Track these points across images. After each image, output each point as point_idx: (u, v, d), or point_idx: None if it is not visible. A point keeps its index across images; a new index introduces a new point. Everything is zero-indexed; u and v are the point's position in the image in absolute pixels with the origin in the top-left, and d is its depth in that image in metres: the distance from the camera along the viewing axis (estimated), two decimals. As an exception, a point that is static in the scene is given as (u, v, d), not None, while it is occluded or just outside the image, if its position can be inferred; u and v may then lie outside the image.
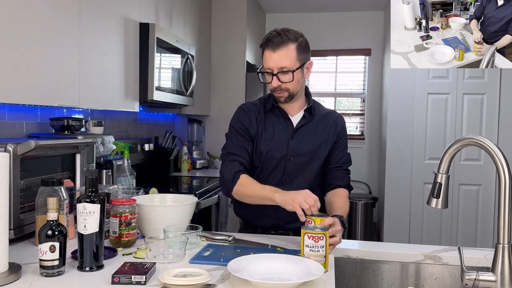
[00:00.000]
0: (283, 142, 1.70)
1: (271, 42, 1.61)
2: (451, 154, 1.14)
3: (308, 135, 1.72)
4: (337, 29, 5.02)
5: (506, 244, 1.08)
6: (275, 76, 1.62)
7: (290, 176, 1.71)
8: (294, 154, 1.70)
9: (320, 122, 1.75)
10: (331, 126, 1.75)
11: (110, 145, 2.23)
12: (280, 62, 1.60)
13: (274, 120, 1.73)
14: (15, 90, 1.56)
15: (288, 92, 1.65)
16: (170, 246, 1.35)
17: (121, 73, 2.30)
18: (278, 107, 1.73)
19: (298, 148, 1.70)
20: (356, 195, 4.67)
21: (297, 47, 1.62)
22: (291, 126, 1.72)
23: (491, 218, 3.91)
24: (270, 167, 1.72)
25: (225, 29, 4.12)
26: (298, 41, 1.63)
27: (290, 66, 1.61)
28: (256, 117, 1.74)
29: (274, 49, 1.60)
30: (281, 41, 1.60)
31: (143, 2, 2.55)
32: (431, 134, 4.00)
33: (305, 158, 1.71)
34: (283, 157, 1.70)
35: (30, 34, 1.62)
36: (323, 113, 1.78)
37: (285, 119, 1.72)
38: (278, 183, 1.66)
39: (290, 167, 1.71)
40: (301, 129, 1.72)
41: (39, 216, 1.37)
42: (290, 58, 1.60)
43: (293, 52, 1.61)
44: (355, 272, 1.52)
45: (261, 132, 1.72)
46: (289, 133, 1.71)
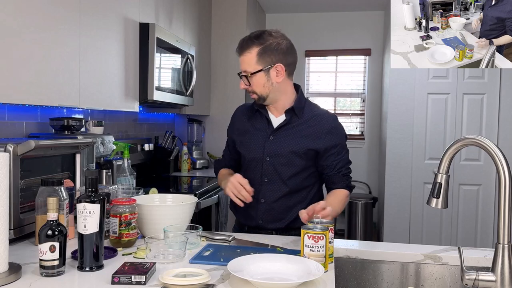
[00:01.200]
0: (260, 142, 1.73)
1: (239, 45, 1.68)
2: (451, 154, 1.15)
3: (288, 136, 1.70)
4: (337, 29, 5.02)
5: (506, 244, 1.08)
6: (241, 79, 1.70)
7: (268, 176, 1.71)
8: (271, 154, 1.71)
9: (307, 123, 1.71)
10: (318, 128, 1.71)
11: (110, 145, 2.23)
12: (242, 65, 1.68)
13: (258, 121, 1.77)
14: (15, 90, 1.56)
15: (256, 94, 1.70)
16: (170, 246, 1.35)
17: (121, 73, 2.30)
18: (262, 107, 1.76)
19: (274, 149, 1.70)
20: (356, 195, 4.67)
21: (260, 50, 1.63)
22: (271, 127, 1.73)
23: (491, 218, 3.91)
24: (250, 167, 1.76)
25: (225, 29, 4.12)
26: (264, 44, 1.63)
27: (251, 70, 1.65)
28: (240, 119, 1.82)
29: (240, 53, 1.67)
30: (246, 46, 1.65)
31: (143, 2, 2.55)
32: (431, 134, 4.00)
33: (283, 159, 1.69)
34: (259, 157, 1.72)
35: (30, 34, 1.62)
36: (312, 114, 1.74)
37: (267, 120, 1.75)
38: (258, 183, 1.71)
39: (267, 168, 1.71)
40: (282, 129, 1.71)
41: (39, 216, 1.37)
42: (251, 62, 1.65)
43: (254, 56, 1.64)
44: (355, 272, 1.52)
45: (244, 133, 1.78)
46: (268, 134, 1.72)
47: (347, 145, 1.83)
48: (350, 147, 1.89)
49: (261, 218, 1.73)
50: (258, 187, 1.70)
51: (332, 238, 1.33)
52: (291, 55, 1.67)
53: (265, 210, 1.71)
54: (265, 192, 1.72)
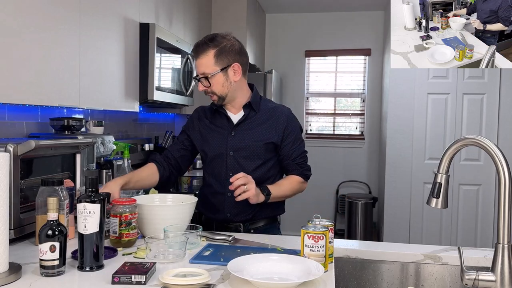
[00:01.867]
0: (223, 138, 1.80)
1: (194, 50, 1.74)
2: (451, 154, 1.15)
3: (248, 130, 1.79)
4: (337, 29, 5.02)
5: (506, 244, 1.08)
6: (199, 81, 1.75)
7: (233, 171, 1.77)
8: (233, 149, 1.78)
9: (262, 117, 1.81)
10: (273, 121, 1.80)
11: (110, 145, 2.23)
12: (199, 68, 1.73)
13: (218, 119, 1.84)
14: (15, 90, 1.56)
15: (216, 95, 1.77)
16: (170, 246, 1.35)
17: (121, 73, 2.30)
18: (221, 107, 1.83)
19: (237, 143, 1.78)
20: (356, 195, 4.67)
21: (217, 52, 1.71)
22: (231, 123, 1.81)
23: (491, 218, 3.91)
24: (214, 164, 1.82)
25: (225, 29, 4.08)
26: (219, 46, 1.71)
27: (209, 72, 1.71)
28: (200, 119, 1.88)
29: (196, 56, 1.73)
30: (202, 49, 1.71)
31: (143, 2, 2.55)
32: (431, 134, 4.00)
33: (244, 153, 1.78)
34: (223, 152, 1.79)
35: (30, 34, 1.62)
36: (268, 108, 1.84)
37: (227, 118, 1.82)
38: (223, 179, 1.78)
39: (231, 162, 1.78)
40: (241, 125, 1.80)
41: (39, 216, 1.37)
42: (209, 64, 1.71)
43: (211, 58, 1.71)
44: (355, 272, 1.52)
45: (205, 132, 1.84)
46: (229, 130, 1.80)
47: (347, 145, 1.87)
48: (350, 147, 1.91)
49: (228, 211, 1.79)
50: (224, 182, 1.77)
51: (332, 238, 1.33)
52: (244, 55, 1.78)
53: (232, 203, 1.75)
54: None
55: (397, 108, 4.07)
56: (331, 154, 4.99)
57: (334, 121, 5.13)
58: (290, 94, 5.12)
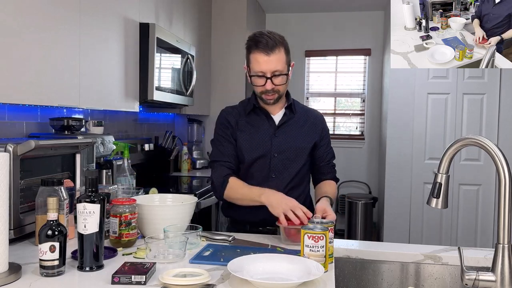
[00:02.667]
0: (266, 139, 1.75)
1: (262, 44, 1.62)
2: (451, 154, 1.15)
3: (291, 131, 1.78)
4: (337, 29, 5.02)
5: (506, 244, 1.08)
6: (269, 80, 1.65)
7: (276, 172, 1.75)
8: (278, 150, 1.75)
9: (301, 118, 1.81)
10: (312, 123, 1.81)
11: (110, 145, 2.23)
12: (274, 65, 1.64)
13: (257, 120, 1.78)
14: (15, 90, 1.56)
15: (278, 94, 1.71)
16: (170, 246, 1.35)
17: (121, 73, 2.30)
18: (260, 108, 1.78)
19: (282, 145, 1.75)
20: (356, 195, 4.67)
21: (285, 50, 1.67)
22: (273, 124, 1.77)
23: (491, 218, 3.91)
24: (256, 165, 1.76)
25: (225, 29, 4.12)
26: (284, 44, 1.68)
27: (282, 69, 1.66)
28: (237, 119, 1.80)
29: (268, 52, 1.62)
30: (274, 44, 1.63)
31: (143, 2, 2.55)
32: (431, 134, 4.00)
33: (289, 154, 1.76)
34: (267, 154, 1.75)
35: (30, 34, 1.62)
36: (303, 110, 1.85)
37: (267, 118, 1.78)
38: (264, 179, 1.74)
39: (276, 164, 1.75)
40: (284, 126, 1.78)
41: (39, 216, 1.37)
42: (282, 61, 1.66)
43: (283, 56, 1.66)
44: (355, 272, 1.52)
45: (244, 133, 1.77)
46: (272, 131, 1.76)
47: (347, 145, 1.89)
48: (350, 147, 1.93)
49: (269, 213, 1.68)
50: (265, 184, 1.72)
51: (332, 238, 1.33)
52: None
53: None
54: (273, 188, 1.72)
55: (397, 108, 4.07)
56: (331, 154, 4.98)
57: (334, 121, 5.13)
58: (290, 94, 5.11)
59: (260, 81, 1.67)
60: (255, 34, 1.67)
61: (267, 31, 1.67)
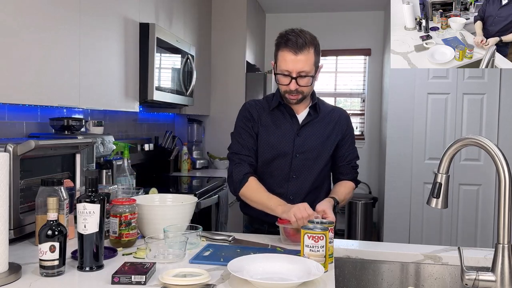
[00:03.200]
0: (289, 139, 1.72)
1: (291, 42, 1.57)
2: (451, 154, 1.14)
3: (314, 131, 1.73)
4: (337, 29, 5.02)
5: (506, 244, 1.08)
6: (294, 80, 1.61)
7: (297, 172, 1.72)
8: (300, 150, 1.72)
9: (325, 118, 1.76)
10: (336, 122, 1.77)
11: (110, 145, 2.23)
12: (301, 66, 1.59)
13: (280, 117, 1.74)
14: (15, 90, 1.56)
15: (302, 95, 1.67)
16: (170, 246, 1.35)
17: (121, 73, 2.30)
18: (284, 105, 1.74)
19: (304, 145, 1.72)
20: (356, 195, 4.66)
21: (315, 51, 1.62)
22: (296, 123, 1.74)
23: (491, 218, 3.91)
24: (276, 163, 1.73)
25: (225, 29, 4.12)
26: (314, 44, 1.62)
27: (309, 71, 1.61)
28: (260, 114, 1.75)
29: (296, 51, 1.58)
30: (303, 44, 1.57)
31: (143, 2, 2.55)
32: (431, 134, 4.00)
33: (311, 154, 1.72)
34: (289, 153, 1.72)
35: (30, 34, 1.62)
36: (328, 110, 1.80)
37: (291, 117, 1.74)
38: (285, 179, 1.72)
39: (297, 164, 1.72)
40: (307, 126, 1.74)
41: (39, 216, 1.37)
42: (310, 62, 1.60)
43: (312, 56, 1.60)
44: (355, 272, 1.52)
45: (266, 129, 1.73)
46: (295, 130, 1.73)
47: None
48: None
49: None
50: (286, 184, 1.71)
51: (332, 238, 1.33)
52: None
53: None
54: (293, 188, 1.72)
55: (397, 108, 4.07)
56: (331, 154, 4.98)
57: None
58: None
59: (285, 80, 1.63)
60: (286, 31, 1.62)
61: (299, 29, 1.61)
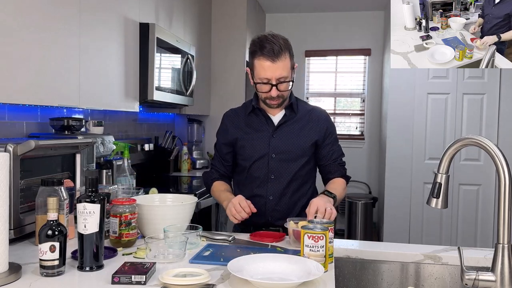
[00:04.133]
0: (264, 140, 1.74)
1: (267, 50, 1.58)
2: (451, 154, 1.15)
3: (290, 132, 1.75)
4: (337, 29, 5.02)
5: (506, 244, 1.08)
6: (274, 87, 1.62)
7: (275, 173, 1.74)
8: (276, 151, 1.73)
9: (303, 118, 1.77)
10: (314, 122, 1.77)
11: (110, 145, 2.23)
12: (280, 72, 1.60)
13: (256, 121, 1.78)
14: (15, 90, 1.56)
15: (282, 99, 1.69)
16: (170, 246, 1.35)
17: (121, 73, 2.30)
18: (259, 108, 1.76)
19: (279, 145, 1.73)
20: (356, 195, 4.67)
21: (290, 54, 1.63)
22: (272, 125, 1.76)
23: (491, 218, 3.91)
24: (255, 166, 1.76)
25: (225, 29, 4.12)
26: (289, 48, 1.64)
27: (287, 76, 1.63)
28: (236, 122, 1.80)
29: (274, 59, 1.58)
30: (279, 50, 1.58)
31: (143, 2, 2.55)
32: (431, 134, 4.00)
33: (288, 155, 1.73)
34: (265, 155, 1.74)
35: (30, 34, 1.62)
36: (306, 110, 1.80)
37: (266, 119, 1.76)
38: (264, 181, 1.75)
39: (274, 165, 1.74)
40: (283, 126, 1.75)
41: (39, 216, 1.37)
42: (287, 67, 1.62)
43: (288, 61, 1.62)
44: (355, 272, 1.52)
45: (243, 134, 1.77)
46: (270, 132, 1.74)
47: (347, 145, 1.86)
48: (350, 147, 1.92)
49: (270, 215, 1.75)
50: (265, 184, 1.74)
51: (332, 238, 1.33)
52: None
53: (273, 207, 1.74)
54: (272, 189, 1.75)
55: (397, 108, 4.07)
56: (331, 154, 4.98)
57: (334, 121, 5.13)
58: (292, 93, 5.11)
59: (265, 87, 1.64)
60: (259, 38, 1.62)
61: (270, 34, 1.62)
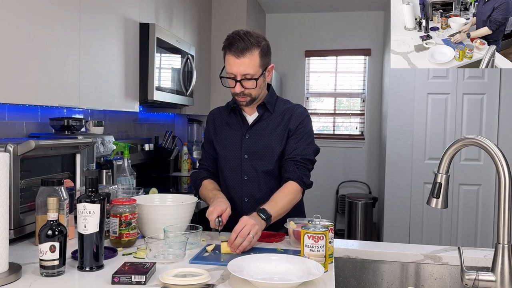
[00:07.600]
0: (237, 140, 1.72)
1: (234, 47, 1.57)
2: (451, 154, 1.15)
3: (262, 131, 1.70)
4: (337, 29, 5.02)
5: (506, 244, 1.08)
6: (238, 83, 1.61)
7: (248, 174, 1.70)
8: (248, 151, 1.70)
9: (279, 116, 1.72)
10: (288, 120, 1.70)
11: (110, 145, 2.23)
12: (244, 69, 1.58)
13: (233, 120, 1.76)
14: (15, 90, 1.56)
15: (250, 97, 1.66)
16: (170, 246, 1.35)
17: (121, 73, 2.30)
18: (237, 107, 1.75)
19: (251, 146, 1.70)
20: (356, 195, 4.67)
21: (260, 53, 1.60)
22: (246, 125, 1.73)
23: (491, 218, 3.91)
24: (228, 167, 1.73)
25: (225, 29, 4.12)
26: (261, 46, 1.60)
27: (254, 73, 1.60)
28: (217, 121, 1.79)
29: (238, 55, 1.57)
30: (245, 47, 1.56)
31: (143, 2, 2.55)
32: (431, 134, 4.00)
33: (259, 155, 1.69)
34: (237, 156, 1.71)
35: (30, 34, 1.62)
36: (285, 108, 1.74)
37: (241, 119, 1.74)
38: (238, 182, 1.71)
39: (246, 165, 1.70)
40: (256, 126, 1.72)
41: (39, 216, 1.37)
42: (254, 65, 1.59)
43: (257, 59, 1.59)
44: (355, 272, 1.52)
45: (220, 133, 1.76)
46: (243, 132, 1.72)
47: (347, 145, 1.83)
48: (350, 147, 1.90)
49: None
50: (240, 186, 1.71)
51: (332, 238, 1.33)
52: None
53: (249, 209, 1.64)
54: (247, 190, 1.71)
55: (397, 108, 4.07)
56: (331, 154, 4.99)
57: (334, 121, 5.13)
58: (290, 94, 5.11)
59: (231, 82, 1.64)
60: (232, 33, 1.61)
61: (244, 32, 1.60)
